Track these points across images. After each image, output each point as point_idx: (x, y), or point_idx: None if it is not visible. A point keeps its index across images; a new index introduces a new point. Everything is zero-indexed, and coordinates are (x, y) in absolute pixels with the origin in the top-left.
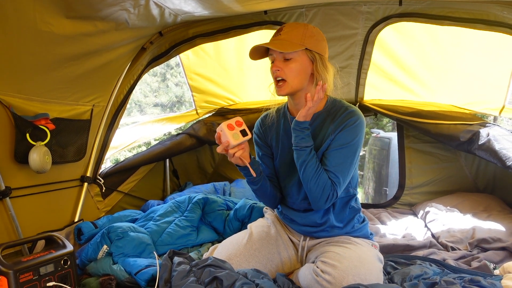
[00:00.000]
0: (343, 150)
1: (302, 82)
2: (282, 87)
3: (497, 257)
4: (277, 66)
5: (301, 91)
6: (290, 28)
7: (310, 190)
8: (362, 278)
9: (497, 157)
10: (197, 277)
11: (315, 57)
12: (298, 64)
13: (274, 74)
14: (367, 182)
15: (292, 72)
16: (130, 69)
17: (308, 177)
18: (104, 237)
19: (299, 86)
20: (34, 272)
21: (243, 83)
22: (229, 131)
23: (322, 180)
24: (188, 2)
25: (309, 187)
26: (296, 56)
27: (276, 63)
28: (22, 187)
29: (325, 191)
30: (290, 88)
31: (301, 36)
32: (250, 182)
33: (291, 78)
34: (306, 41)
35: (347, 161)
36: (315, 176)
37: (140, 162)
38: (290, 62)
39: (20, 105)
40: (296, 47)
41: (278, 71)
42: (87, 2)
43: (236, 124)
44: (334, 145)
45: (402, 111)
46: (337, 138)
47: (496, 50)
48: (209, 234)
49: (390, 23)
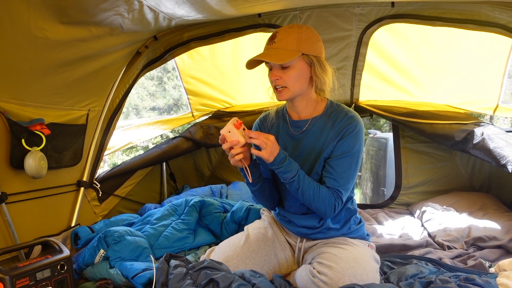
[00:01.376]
0: (346, 158)
1: (301, 86)
2: (282, 93)
3: (493, 255)
4: (275, 76)
5: (301, 95)
6: (284, 35)
7: (315, 209)
8: (358, 278)
9: (491, 156)
10: (193, 279)
11: (312, 60)
12: (296, 70)
13: (274, 83)
14: (365, 183)
15: (291, 79)
16: (126, 74)
17: (310, 199)
18: (100, 241)
19: (299, 91)
20: (30, 277)
21: (239, 85)
22: (237, 130)
23: (323, 196)
24: (182, 6)
25: (313, 206)
26: (294, 63)
27: (274, 72)
28: (18, 193)
29: (330, 203)
30: (291, 93)
31: (296, 42)
32: (249, 184)
33: (291, 84)
34: (302, 46)
35: (350, 168)
36: (315, 196)
37: (137, 166)
38: (288, 70)
39: (15, 111)
40: (292, 55)
41: (277, 80)
42: (81, 8)
43: (238, 124)
44: (337, 154)
45: (398, 111)
46: (339, 146)
47: (489, 50)
48: (206, 236)
49: (383, 24)
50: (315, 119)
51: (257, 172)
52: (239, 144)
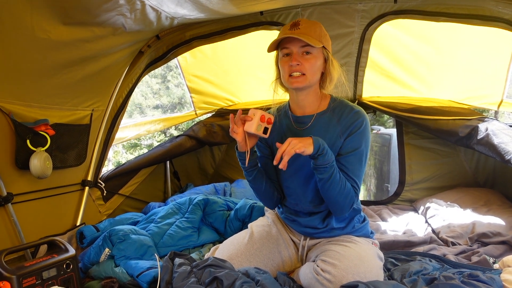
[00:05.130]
0: (356, 154)
1: (316, 78)
2: (299, 80)
3: (497, 251)
4: (297, 60)
5: (310, 88)
6: (307, 24)
7: (336, 203)
8: (362, 276)
9: (496, 152)
10: (197, 277)
11: (328, 56)
12: (317, 60)
13: (293, 68)
14: (369, 179)
15: (312, 67)
16: (129, 73)
17: (335, 192)
18: (106, 240)
19: (314, 82)
20: (37, 276)
21: (241, 83)
22: (259, 120)
23: (348, 190)
24: (184, 6)
25: (336, 200)
26: (316, 52)
27: (296, 57)
28: (24, 193)
29: (351, 200)
30: (308, 81)
31: (319, 34)
32: (245, 172)
33: (310, 72)
34: (323, 39)
35: (361, 164)
36: (341, 189)
37: (141, 165)
38: (310, 58)
39: (20, 112)
40: (318, 44)
41: (298, 65)
42: (84, 8)
43: (267, 120)
44: (346, 150)
45: (401, 107)
46: (348, 142)
47: (493, 45)
48: (210, 234)
49: (386, 20)
50: (319, 115)
51: (254, 160)
52: (248, 131)
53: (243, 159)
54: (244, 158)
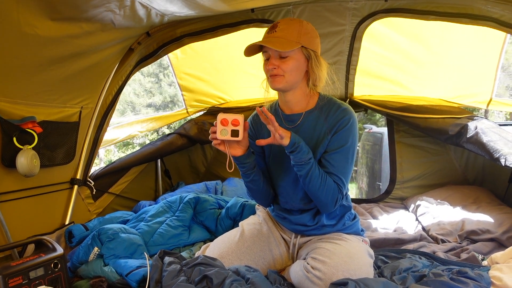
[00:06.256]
0: (342, 152)
1: (297, 78)
2: (277, 79)
3: (486, 248)
4: (273, 64)
5: (295, 88)
6: (285, 25)
7: (318, 199)
8: (351, 273)
9: (485, 150)
10: (187, 276)
11: (310, 54)
12: (295, 61)
13: (270, 72)
14: (360, 177)
15: (288, 69)
16: (118, 70)
17: (315, 188)
18: (94, 239)
19: (294, 82)
20: (23, 276)
21: (233, 81)
22: (220, 125)
23: (329, 186)
24: (174, 3)
25: (317, 196)
26: (293, 54)
27: (272, 61)
28: (11, 191)
29: (334, 196)
30: (286, 82)
31: (297, 33)
32: (243, 174)
33: (288, 74)
34: (302, 39)
35: (347, 161)
36: (322, 185)
37: (131, 163)
38: (287, 60)
39: (6, 109)
40: (293, 45)
41: (274, 69)
42: (72, 4)
43: (232, 122)
44: (332, 148)
45: (392, 106)
46: (334, 140)
47: (482, 44)
48: (201, 233)
49: (376, 19)
50: (308, 113)
51: (251, 163)
52: (216, 135)
53: (239, 163)
54: (241, 162)
